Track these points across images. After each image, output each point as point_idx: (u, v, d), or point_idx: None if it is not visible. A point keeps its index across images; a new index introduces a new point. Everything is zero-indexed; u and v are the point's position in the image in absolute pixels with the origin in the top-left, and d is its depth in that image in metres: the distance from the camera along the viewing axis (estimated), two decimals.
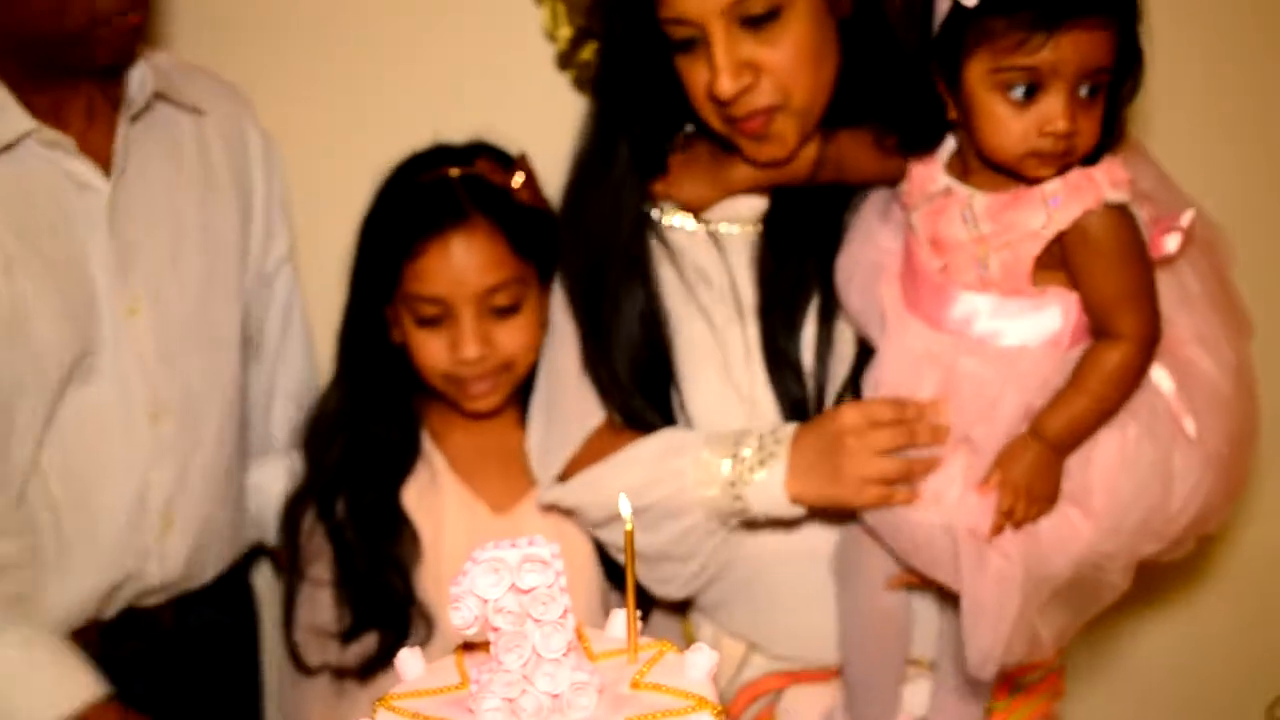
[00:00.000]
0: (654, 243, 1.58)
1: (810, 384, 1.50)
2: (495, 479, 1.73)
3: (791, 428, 1.47)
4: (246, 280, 1.74)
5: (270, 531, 1.84)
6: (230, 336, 1.70)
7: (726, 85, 1.38)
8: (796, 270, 1.50)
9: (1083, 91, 1.27)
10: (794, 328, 1.50)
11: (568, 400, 1.62)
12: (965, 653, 1.36)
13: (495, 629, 0.90)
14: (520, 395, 1.72)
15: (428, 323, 1.66)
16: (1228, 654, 2.14)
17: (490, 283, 1.64)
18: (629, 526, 0.95)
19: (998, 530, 1.33)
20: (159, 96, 1.61)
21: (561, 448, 1.61)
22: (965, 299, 1.34)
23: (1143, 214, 1.33)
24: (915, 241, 1.39)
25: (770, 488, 1.44)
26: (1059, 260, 1.32)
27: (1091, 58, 1.27)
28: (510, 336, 1.67)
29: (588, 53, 1.89)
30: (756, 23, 1.38)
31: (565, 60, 1.94)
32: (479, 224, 1.65)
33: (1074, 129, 1.28)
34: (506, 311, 1.66)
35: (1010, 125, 1.29)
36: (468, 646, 0.99)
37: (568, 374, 1.63)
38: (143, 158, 1.60)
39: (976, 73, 1.29)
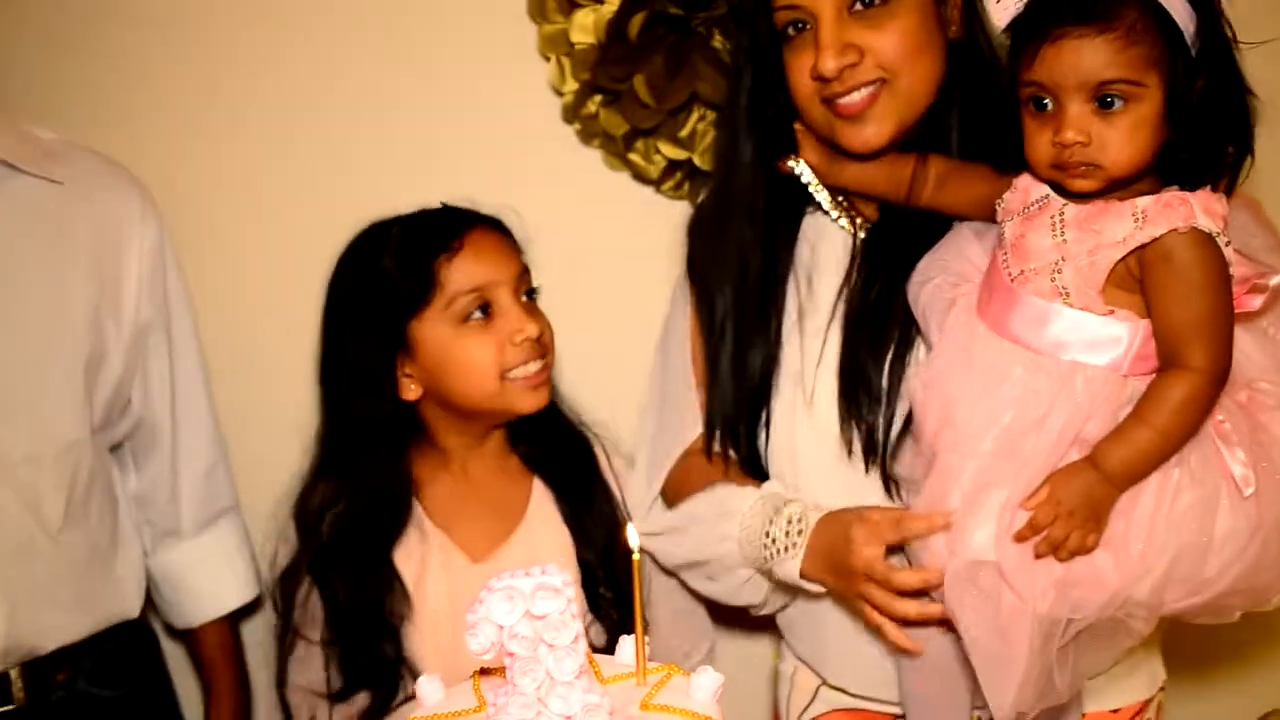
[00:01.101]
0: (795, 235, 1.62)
1: (880, 411, 1.50)
2: (474, 527, 1.72)
3: (813, 519, 1.50)
4: (110, 354, 1.70)
5: (180, 613, 1.87)
6: (67, 404, 1.64)
7: (830, 61, 1.42)
8: (889, 292, 1.51)
9: (1097, 103, 1.27)
10: (878, 346, 1.51)
11: (680, 406, 1.67)
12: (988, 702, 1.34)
13: (510, 654, 0.94)
14: (508, 439, 1.75)
15: (475, 316, 1.66)
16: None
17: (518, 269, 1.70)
18: (636, 556, 1.00)
19: (1022, 539, 1.30)
20: (4, 164, 1.59)
21: (665, 460, 1.67)
22: (1032, 304, 1.33)
23: (1231, 255, 1.30)
24: (1000, 251, 1.38)
25: (791, 571, 1.50)
26: (1134, 282, 1.30)
27: (1090, 68, 1.26)
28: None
29: (592, 106, 1.91)
30: (866, 7, 1.43)
31: (571, 113, 1.95)
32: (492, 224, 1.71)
33: (1084, 140, 1.27)
34: (531, 295, 1.71)
35: (1035, 139, 1.31)
36: (484, 671, 1.03)
37: (681, 380, 1.68)
38: None
39: (1020, 90, 1.32)
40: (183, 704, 1.90)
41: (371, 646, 1.64)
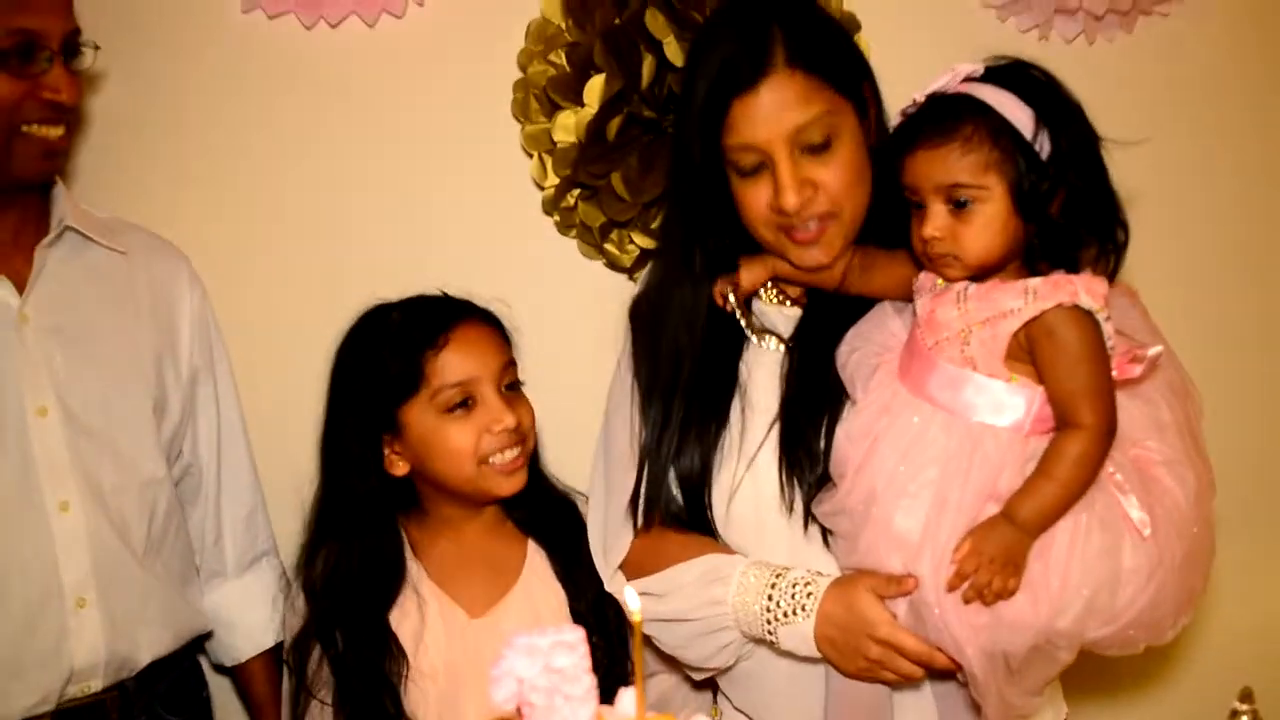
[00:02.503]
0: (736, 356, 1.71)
1: (819, 470, 1.60)
2: (473, 585, 1.83)
3: (822, 584, 1.57)
4: (170, 401, 1.86)
5: (229, 650, 1.99)
6: (145, 442, 1.81)
7: (792, 199, 1.54)
8: (822, 365, 1.62)
9: (952, 204, 1.45)
10: (814, 413, 1.62)
11: (626, 488, 1.74)
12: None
13: (530, 704, 1.05)
14: (503, 506, 1.86)
15: (458, 407, 1.78)
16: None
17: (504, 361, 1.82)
18: (637, 618, 1.10)
19: (953, 587, 1.43)
20: (72, 230, 1.77)
21: (621, 537, 1.72)
22: (946, 369, 1.48)
23: (1110, 331, 1.46)
24: (916, 324, 1.54)
25: (801, 634, 1.57)
26: (1027, 354, 1.45)
27: (940, 175, 1.44)
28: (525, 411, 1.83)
29: (571, 199, 2.06)
30: (814, 150, 1.56)
31: (551, 205, 2.09)
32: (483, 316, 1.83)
33: (940, 236, 1.45)
34: (514, 387, 1.83)
35: (913, 234, 1.50)
36: None
37: (625, 461, 1.75)
38: (60, 280, 1.76)
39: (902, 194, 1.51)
40: None
41: (375, 703, 1.74)
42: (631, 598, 1.14)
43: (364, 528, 1.82)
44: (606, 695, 1.08)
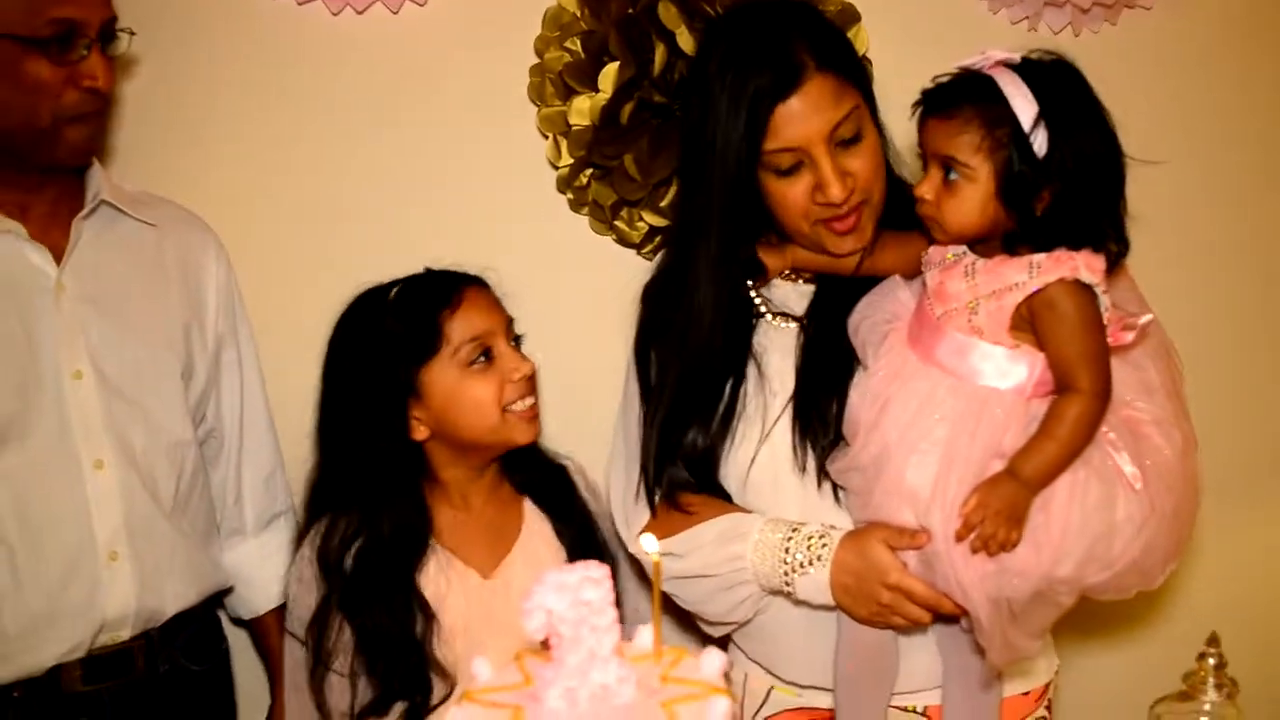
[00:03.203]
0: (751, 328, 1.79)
1: (830, 433, 1.69)
2: (480, 547, 1.91)
3: (836, 535, 1.66)
4: (197, 367, 1.94)
5: (247, 604, 2.08)
6: (174, 406, 1.89)
7: (838, 191, 1.62)
8: (835, 335, 1.71)
9: (947, 174, 1.54)
10: (827, 380, 1.71)
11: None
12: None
13: (559, 635, 1.15)
14: (501, 470, 1.95)
15: (477, 362, 1.84)
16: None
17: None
18: (656, 559, 1.21)
19: (961, 538, 1.52)
20: (107, 204, 1.84)
21: (640, 514, 1.81)
22: (954, 337, 1.57)
23: (1107, 303, 1.55)
24: (925, 294, 1.63)
25: (817, 583, 1.66)
26: (1029, 324, 1.54)
27: (939, 145, 1.53)
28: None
29: (584, 179, 2.15)
30: (847, 143, 1.63)
31: (565, 184, 2.18)
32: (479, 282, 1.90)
33: (929, 198, 1.54)
34: (517, 341, 1.91)
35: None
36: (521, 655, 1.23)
37: (638, 443, 1.82)
38: (96, 251, 1.82)
39: None
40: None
41: (403, 663, 1.81)
42: (649, 542, 1.24)
43: (393, 495, 1.88)
44: None
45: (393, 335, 1.86)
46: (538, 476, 1.99)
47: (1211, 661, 1.56)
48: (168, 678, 1.89)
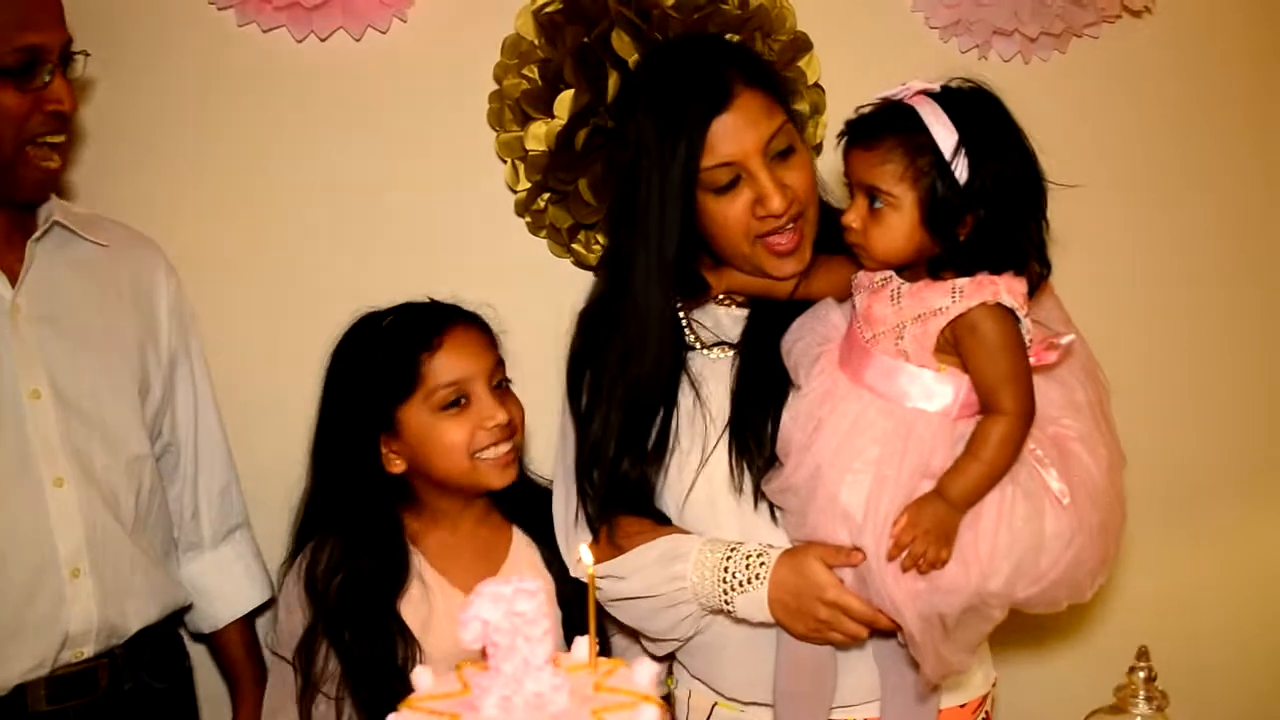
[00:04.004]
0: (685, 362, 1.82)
1: (766, 454, 1.72)
2: (468, 567, 1.92)
3: (774, 554, 1.69)
4: (153, 383, 1.96)
5: (207, 618, 2.09)
6: (131, 422, 1.90)
7: (777, 201, 1.65)
8: (769, 359, 1.74)
9: (873, 203, 1.56)
10: (762, 402, 1.74)
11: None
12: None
13: (494, 644, 1.19)
14: (490, 498, 1.96)
15: (452, 405, 1.85)
16: None
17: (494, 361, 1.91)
18: (591, 572, 1.25)
19: (892, 557, 1.55)
20: (59, 225, 1.85)
21: (580, 537, 1.85)
22: (882, 360, 1.60)
23: (1029, 325, 1.58)
24: (855, 318, 1.66)
25: (756, 601, 1.69)
26: (953, 348, 1.58)
27: (863, 174, 1.57)
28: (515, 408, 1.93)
29: (541, 203, 2.18)
30: (782, 155, 1.68)
31: (523, 208, 2.21)
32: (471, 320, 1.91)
33: (855, 226, 1.58)
34: (502, 385, 1.92)
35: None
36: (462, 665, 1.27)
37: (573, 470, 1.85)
38: (50, 272, 1.84)
39: None
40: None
41: (386, 690, 1.82)
42: (585, 554, 1.29)
43: (368, 524, 1.90)
44: None
45: (376, 368, 1.89)
46: (525, 504, 1.99)
47: (1141, 675, 1.60)
48: (132, 696, 1.91)
